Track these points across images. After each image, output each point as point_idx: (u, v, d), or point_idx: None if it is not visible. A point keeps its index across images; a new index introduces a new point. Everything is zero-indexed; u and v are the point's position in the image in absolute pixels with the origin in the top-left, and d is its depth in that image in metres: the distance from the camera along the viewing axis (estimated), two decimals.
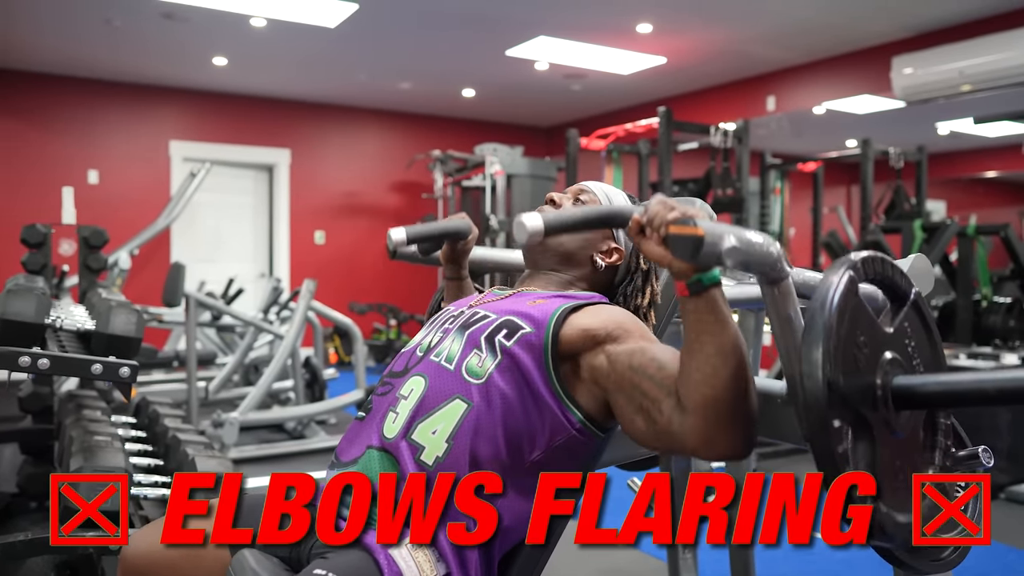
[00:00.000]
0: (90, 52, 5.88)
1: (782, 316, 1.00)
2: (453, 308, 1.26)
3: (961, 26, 4.93)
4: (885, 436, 0.88)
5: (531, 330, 1.09)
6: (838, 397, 0.82)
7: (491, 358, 1.08)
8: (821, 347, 0.82)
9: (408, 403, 1.09)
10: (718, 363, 0.90)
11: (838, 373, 0.82)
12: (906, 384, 0.89)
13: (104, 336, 2.00)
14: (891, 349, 0.92)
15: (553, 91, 6.92)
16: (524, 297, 1.19)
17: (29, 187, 6.41)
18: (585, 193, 1.30)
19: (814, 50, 5.65)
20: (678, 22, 5.09)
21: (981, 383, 0.83)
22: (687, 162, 6.73)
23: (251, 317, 4.63)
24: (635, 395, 1.01)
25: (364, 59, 6.00)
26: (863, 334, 0.88)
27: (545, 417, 1.06)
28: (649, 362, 1.01)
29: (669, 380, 0.97)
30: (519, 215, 1.01)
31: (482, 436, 1.04)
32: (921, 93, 5.03)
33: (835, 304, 0.84)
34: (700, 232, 0.83)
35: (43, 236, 2.96)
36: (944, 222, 4.75)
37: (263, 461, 3.94)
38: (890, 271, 0.97)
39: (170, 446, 2.32)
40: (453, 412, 1.06)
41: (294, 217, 7.54)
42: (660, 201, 0.92)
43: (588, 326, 1.08)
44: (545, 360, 1.07)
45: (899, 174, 6.31)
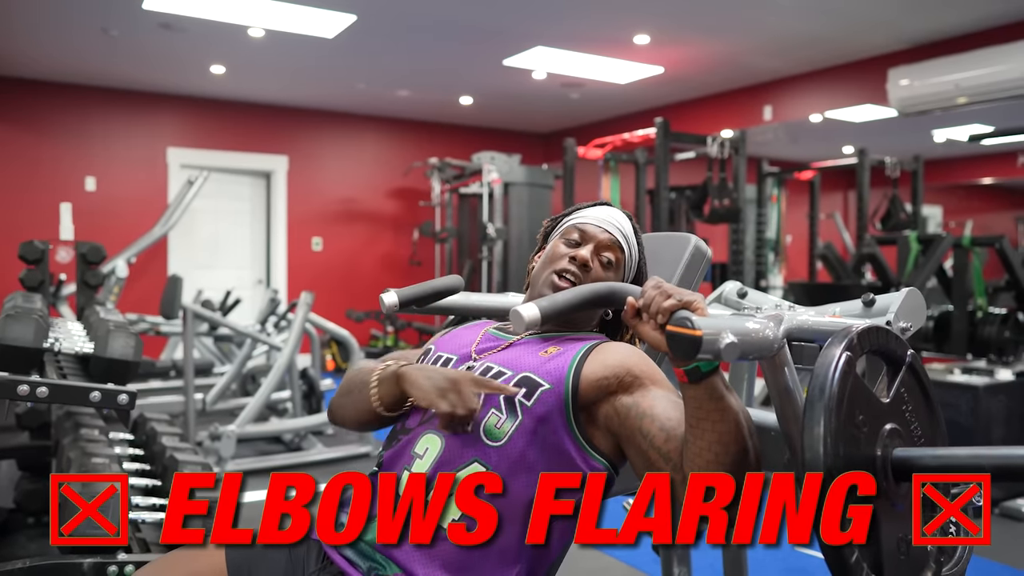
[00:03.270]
0: (87, 61, 5.88)
1: (780, 387, 1.02)
2: (453, 357, 1.22)
3: (957, 39, 4.95)
4: (886, 509, 0.90)
5: (549, 386, 1.08)
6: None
7: (511, 419, 1.07)
8: (822, 437, 0.83)
9: (424, 463, 1.07)
10: (719, 451, 0.91)
11: (839, 458, 0.84)
12: (905, 456, 0.90)
13: (103, 360, 2.00)
14: (890, 420, 0.93)
15: (551, 99, 6.93)
16: (530, 347, 1.17)
17: (27, 195, 6.40)
18: (612, 251, 1.25)
19: (811, 61, 5.67)
20: (675, 33, 5.10)
21: (978, 459, 0.85)
22: (684, 170, 6.74)
23: (248, 328, 4.63)
24: (640, 459, 1.03)
25: (362, 68, 6.00)
26: (862, 412, 0.89)
27: (568, 469, 1.06)
28: (658, 433, 1.01)
29: (675, 453, 0.98)
30: (515, 307, 1.02)
31: (500, 500, 1.03)
32: (917, 105, 5.05)
33: (834, 390, 0.85)
34: (698, 333, 0.84)
35: (41, 253, 2.95)
36: (939, 234, 4.76)
37: (261, 473, 3.95)
38: (885, 340, 0.98)
39: (167, 467, 2.33)
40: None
41: (292, 224, 7.55)
42: (656, 286, 0.93)
43: (601, 376, 1.08)
44: (567, 415, 1.07)
45: (895, 183, 6.33)
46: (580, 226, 1.26)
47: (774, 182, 6.77)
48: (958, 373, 3.73)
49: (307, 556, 1.12)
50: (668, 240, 1.41)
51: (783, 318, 1.18)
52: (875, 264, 4.64)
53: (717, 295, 1.87)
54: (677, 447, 0.98)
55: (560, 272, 1.23)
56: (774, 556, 2.76)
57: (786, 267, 7.24)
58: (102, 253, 3.06)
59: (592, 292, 1.08)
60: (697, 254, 1.36)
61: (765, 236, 6.57)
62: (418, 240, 7.73)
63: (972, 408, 3.34)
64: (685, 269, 1.35)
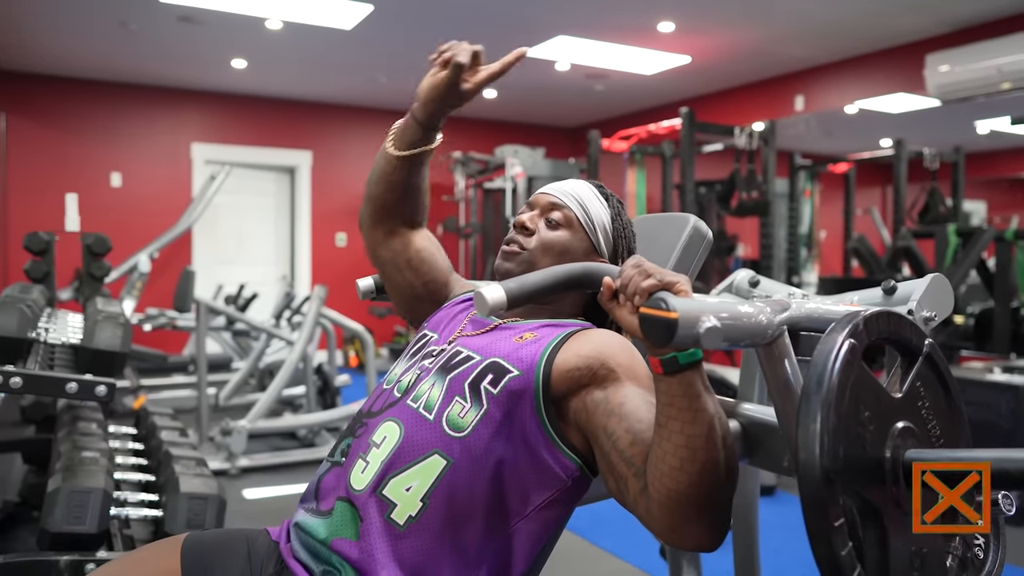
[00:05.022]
0: (109, 56, 5.90)
1: (779, 380, 0.90)
2: (434, 336, 1.13)
3: (999, 21, 4.72)
4: (897, 518, 0.77)
5: (518, 373, 0.97)
6: (839, 489, 0.73)
7: (475, 409, 0.97)
8: (818, 441, 0.72)
9: (380, 453, 0.98)
10: (686, 456, 0.80)
11: (839, 460, 0.72)
12: (919, 459, 0.78)
13: (88, 351, 1.96)
14: (902, 417, 0.81)
15: (576, 92, 6.80)
16: (509, 331, 1.07)
17: (52, 190, 6.46)
18: (557, 210, 1.16)
19: (844, 48, 5.46)
20: (701, 20, 4.94)
21: (1001, 463, 0.73)
22: (713, 164, 6.57)
23: (262, 323, 4.59)
24: (604, 461, 0.92)
25: (382, 60, 5.94)
26: (868, 408, 0.77)
27: (537, 467, 0.96)
28: (623, 434, 0.90)
29: (639, 459, 0.87)
30: (478, 288, 0.92)
31: (461, 496, 0.94)
32: (957, 92, 4.82)
33: (834, 382, 0.74)
34: (673, 316, 0.73)
35: (46, 244, 2.92)
36: (980, 227, 4.54)
37: (273, 470, 3.90)
38: (897, 326, 0.85)
39: (162, 461, 2.27)
40: (431, 469, 0.95)
41: (316, 219, 7.53)
42: (635, 264, 0.83)
43: (573, 366, 0.97)
44: (537, 405, 0.96)
45: (934, 175, 6.09)
46: (529, 200, 1.20)
47: (807, 176, 6.56)
48: (998, 372, 3.53)
49: (266, 560, 1.04)
50: (665, 221, 1.29)
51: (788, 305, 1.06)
52: (910, 258, 4.44)
53: (728, 284, 1.74)
54: (643, 452, 0.87)
55: (506, 242, 1.17)
56: (790, 556, 2.62)
57: (820, 263, 7.02)
58: (107, 245, 3.02)
59: (566, 273, 0.97)
60: (696, 235, 1.23)
61: (798, 231, 6.37)
62: (442, 236, 7.66)
63: (1013, 409, 3.15)
64: (682, 251, 1.22)
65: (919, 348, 0.87)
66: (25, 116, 6.38)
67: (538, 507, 0.97)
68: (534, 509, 0.96)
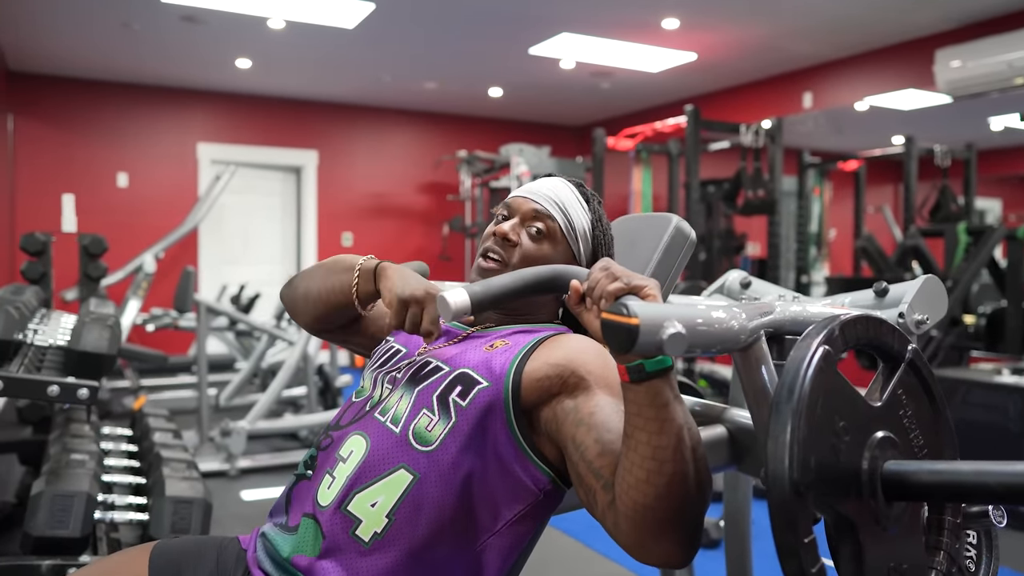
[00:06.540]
0: (113, 57, 5.90)
1: (755, 387, 0.86)
2: (404, 350, 1.10)
3: (1009, 16, 4.63)
4: (874, 532, 0.73)
5: (487, 384, 0.94)
6: (810, 503, 0.69)
7: (443, 422, 0.93)
8: (787, 452, 0.68)
9: (346, 467, 0.95)
10: (652, 468, 0.77)
11: (810, 473, 0.69)
12: (898, 471, 0.74)
13: (74, 353, 1.94)
14: (881, 427, 0.77)
15: (581, 90, 6.75)
16: (480, 340, 1.03)
17: (59, 191, 6.48)
18: (541, 220, 1.10)
19: (852, 44, 5.39)
20: (706, 17, 4.88)
21: (983, 475, 0.69)
22: (721, 163, 6.51)
23: (263, 323, 4.57)
24: (574, 473, 0.89)
25: (386, 59, 5.91)
26: (843, 418, 0.74)
27: (508, 480, 0.93)
28: (592, 445, 0.87)
29: (607, 471, 0.84)
30: (441, 292, 0.88)
31: (429, 511, 0.91)
32: (968, 88, 4.74)
33: (806, 391, 0.70)
34: (634, 321, 0.70)
35: (42, 245, 2.92)
36: (990, 225, 4.46)
37: (273, 471, 3.88)
38: (876, 331, 0.81)
39: (152, 464, 2.26)
40: (397, 483, 0.92)
41: (322, 219, 7.52)
42: (603, 267, 0.80)
43: (543, 375, 0.93)
44: (508, 417, 0.93)
45: (945, 173, 6.00)
46: (507, 201, 1.14)
47: (816, 174, 6.49)
48: (1007, 374, 3.45)
49: (234, 568, 1.02)
50: (648, 221, 1.24)
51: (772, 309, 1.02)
52: (919, 257, 4.37)
53: (719, 285, 1.71)
54: (612, 463, 0.84)
55: (484, 253, 1.10)
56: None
57: (830, 262, 6.94)
58: (103, 245, 3.01)
59: (534, 276, 0.94)
60: (678, 236, 1.19)
61: (807, 230, 6.29)
62: (448, 235, 7.64)
63: (1022, 412, 3.08)
64: (664, 253, 1.18)
65: (901, 354, 0.83)
66: (33, 117, 6.41)
67: (509, 522, 0.93)
68: (505, 524, 0.93)
